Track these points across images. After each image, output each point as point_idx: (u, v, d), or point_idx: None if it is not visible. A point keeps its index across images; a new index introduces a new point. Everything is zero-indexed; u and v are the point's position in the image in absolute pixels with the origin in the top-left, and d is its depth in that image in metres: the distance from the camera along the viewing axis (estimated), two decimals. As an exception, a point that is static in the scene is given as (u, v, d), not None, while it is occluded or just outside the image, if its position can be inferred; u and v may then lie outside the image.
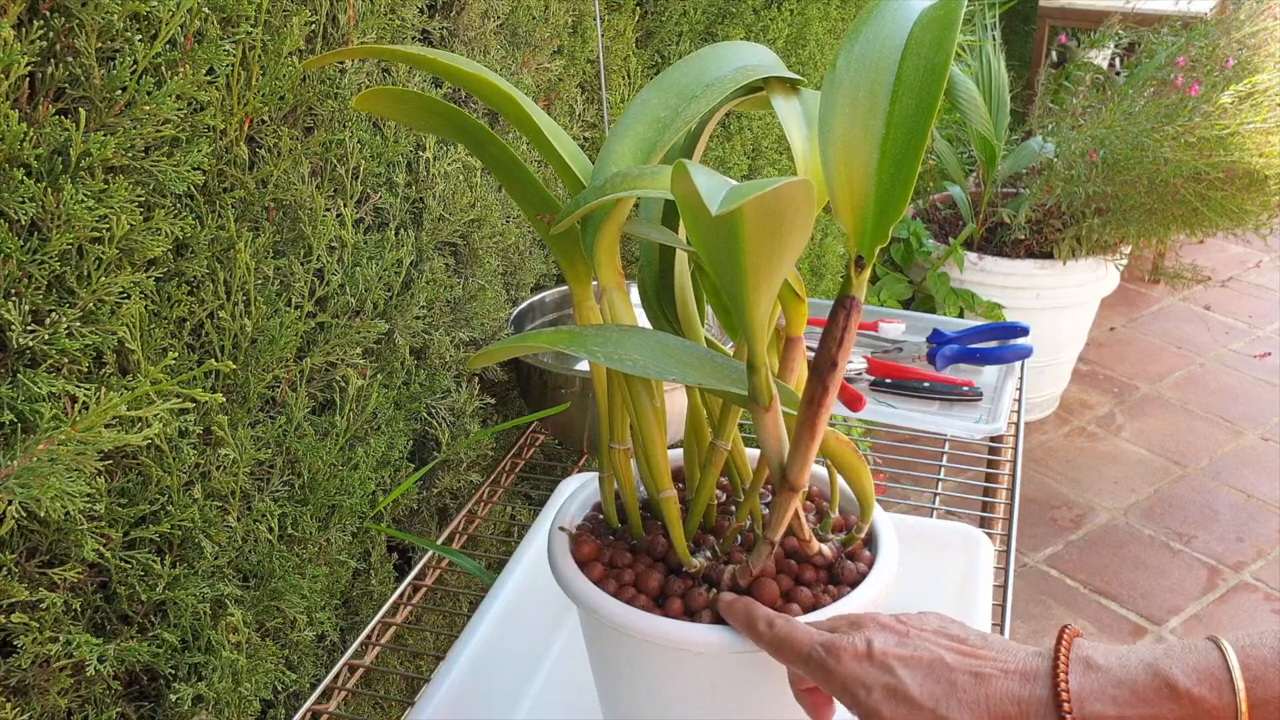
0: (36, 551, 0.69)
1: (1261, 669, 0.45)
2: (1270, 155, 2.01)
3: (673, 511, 0.63)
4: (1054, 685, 0.48)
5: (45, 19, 0.63)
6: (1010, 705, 0.49)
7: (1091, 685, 0.48)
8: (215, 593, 0.80)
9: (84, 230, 0.65)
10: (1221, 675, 0.46)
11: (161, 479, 0.75)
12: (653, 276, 0.66)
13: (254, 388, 0.83)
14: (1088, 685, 0.48)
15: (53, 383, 0.63)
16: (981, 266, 2.37)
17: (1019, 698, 0.49)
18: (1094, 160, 2.19)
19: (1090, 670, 0.48)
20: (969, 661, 0.51)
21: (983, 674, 0.50)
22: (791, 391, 0.60)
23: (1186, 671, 0.47)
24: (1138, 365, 2.80)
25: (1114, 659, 0.49)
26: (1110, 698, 0.47)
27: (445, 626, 1.04)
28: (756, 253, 0.47)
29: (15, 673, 0.67)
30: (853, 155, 0.48)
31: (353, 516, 0.96)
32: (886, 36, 0.50)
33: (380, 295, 0.96)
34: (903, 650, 0.52)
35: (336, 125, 0.89)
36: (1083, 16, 3.03)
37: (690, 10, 1.49)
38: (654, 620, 0.59)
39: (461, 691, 0.78)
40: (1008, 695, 0.49)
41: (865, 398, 1.15)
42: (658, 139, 0.60)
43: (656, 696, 0.62)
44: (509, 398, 1.26)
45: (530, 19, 1.13)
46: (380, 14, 0.90)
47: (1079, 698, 0.48)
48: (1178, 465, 2.39)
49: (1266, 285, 3.19)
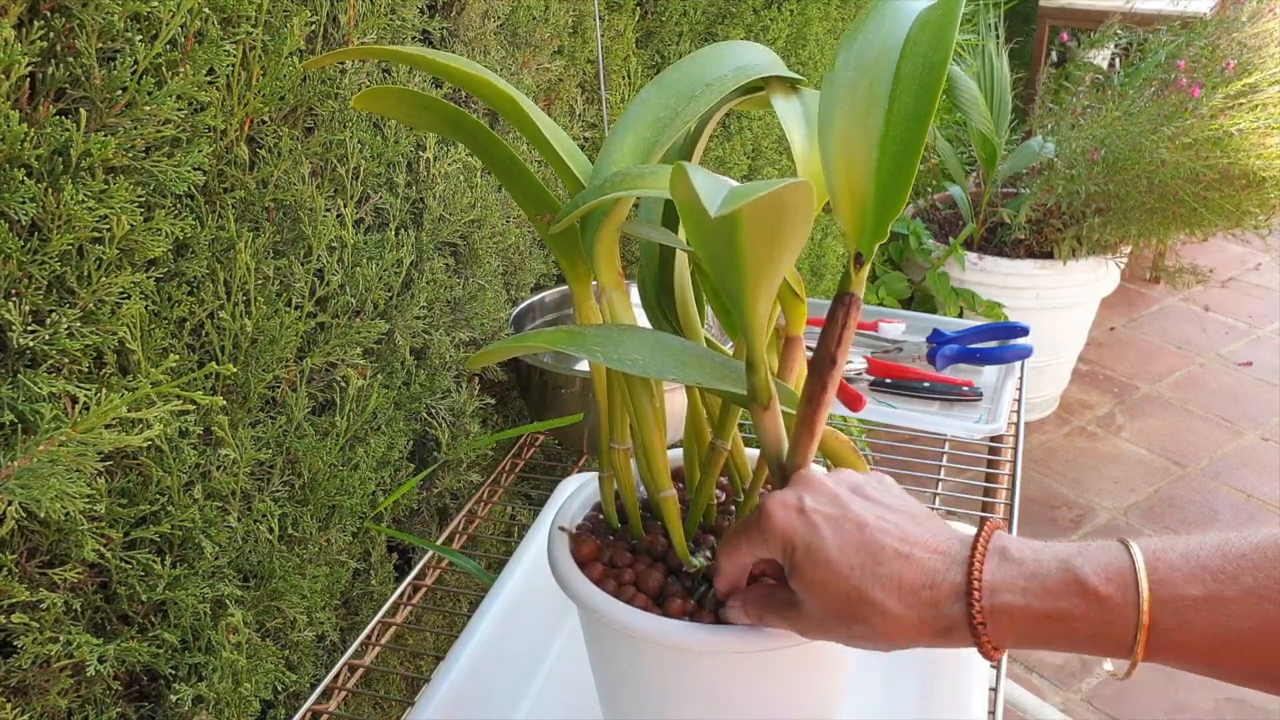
0: (37, 552, 0.69)
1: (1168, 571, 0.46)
2: (1268, 156, 2.01)
3: (673, 511, 0.63)
4: (968, 572, 0.49)
5: (46, 19, 0.63)
6: (925, 588, 0.49)
7: (1004, 575, 0.48)
8: (215, 593, 0.80)
9: (84, 230, 0.65)
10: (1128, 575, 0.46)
11: (162, 479, 0.75)
12: (653, 276, 0.66)
13: (254, 388, 0.83)
14: (1000, 575, 0.48)
15: (53, 383, 0.63)
16: (982, 266, 2.37)
17: (934, 581, 0.49)
18: (1094, 160, 2.19)
19: (1005, 561, 0.49)
20: (897, 534, 0.51)
21: (906, 552, 0.50)
22: (791, 391, 0.60)
23: (1096, 569, 0.47)
24: (1138, 365, 2.80)
25: (1029, 552, 0.49)
26: (1020, 589, 0.48)
27: (445, 626, 1.04)
28: (755, 254, 0.47)
29: (15, 673, 0.67)
30: (852, 153, 0.48)
31: (353, 517, 0.96)
32: (885, 36, 0.50)
33: (380, 295, 0.96)
34: (832, 510, 0.52)
35: (337, 125, 0.89)
36: (1083, 16, 3.04)
37: (690, 10, 1.49)
38: (654, 620, 0.59)
39: (461, 691, 0.78)
40: (925, 576, 0.49)
41: (865, 398, 1.15)
42: (658, 139, 0.60)
43: (656, 697, 0.62)
44: (509, 398, 1.26)
45: (530, 19, 1.13)
46: (380, 14, 0.90)
47: (990, 587, 0.48)
48: (1178, 465, 2.39)
49: (1266, 285, 3.19)
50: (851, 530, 0.51)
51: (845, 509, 0.52)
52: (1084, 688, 1.78)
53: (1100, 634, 0.47)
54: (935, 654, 0.79)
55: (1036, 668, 1.83)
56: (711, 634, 0.58)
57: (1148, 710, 1.72)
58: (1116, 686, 1.77)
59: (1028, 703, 1.76)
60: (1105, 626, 0.47)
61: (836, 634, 0.52)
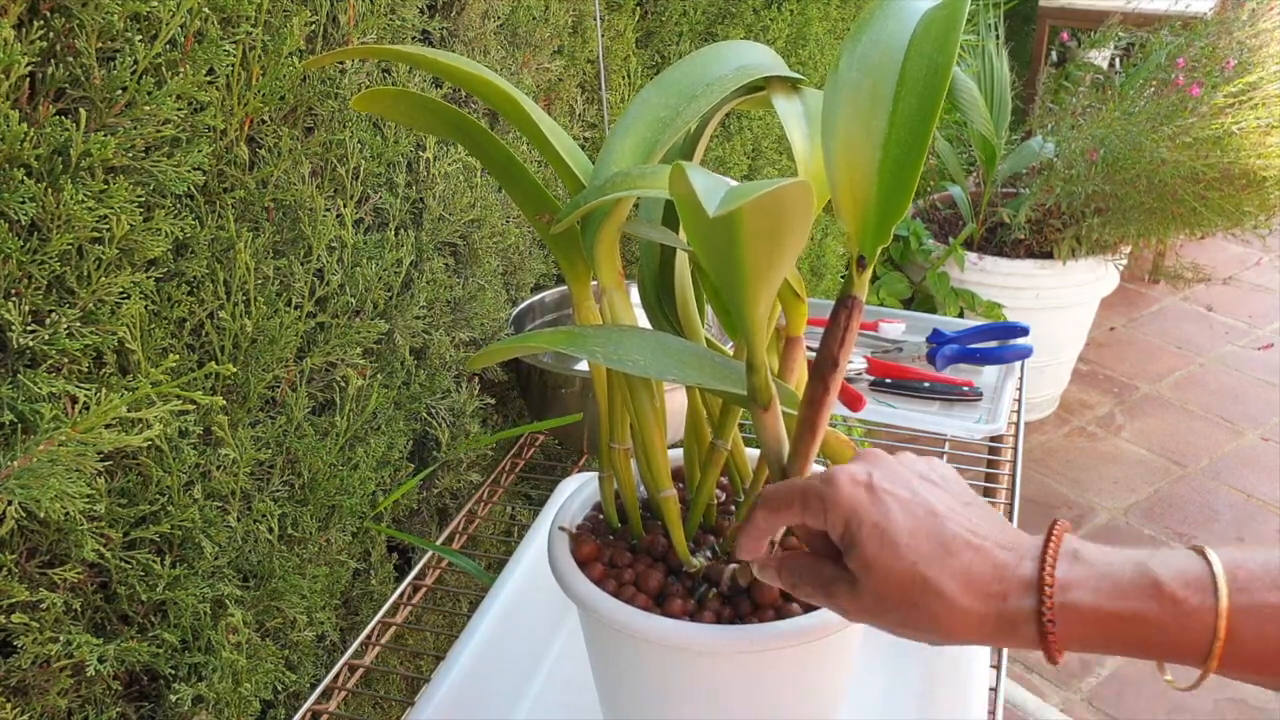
0: (37, 552, 0.69)
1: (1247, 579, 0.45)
2: (1268, 156, 2.01)
3: (673, 511, 0.63)
4: (1040, 568, 0.48)
5: (45, 19, 0.62)
6: (993, 581, 0.48)
7: (1077, 574, 0.47)
8: (215, 593, 0.80)
9: (84, 230, 0.65)
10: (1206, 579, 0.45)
11: (162, 479, 0.75)
12: (653, 276, 0.66)
13: (254, 388, 0.83)
14: (1073, 574, 0.47)
15: (53, 383, 0.63)
16: (981, 266, 2.37)
17: (1003, 575, 0.48)
18: (1094, 160, 2.19)
19: (1078, 561, 0.48)
20: (968, 525, 0.50)
21: (977, 544, 0.49)
22: (791, 391, 0.60)
23: (1173, 573, 0.46)
24: (1138, 365, 2.80)
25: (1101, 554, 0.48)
26: (1093, 588, 0.47)
27: (445, 626, 1.04)
28: (755, 254, 0.47)
29: (15, 673, 0.67)
30: (855, 155, 0.48)
31: (353, 516, 0.95)
32: (890, 36, 0.50)
33: (380, 295, 0.95)
34: (903, 492, 0.51)
35: (336, 125, 0.89)
36: (1083, 16, 3.04)
37: (690, 10, 1.49)
38: (654, 620, 0.58)
39: (461, 691, 0.78)
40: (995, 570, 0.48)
41: (865, 398, 1.15)
42: (658, 138, 0.60)
43: (656, 696, 0.62)
44: (509, 398, 1.25)
45: (530, 19, 1.13)
46: (380, 14, 0.89)
47: (1063, 584, 0.47)
48: (1178, 465, 2.39)
49: (1266, 285, 3.19)
50: (924, 516, 0.50)
51: (915, 493, 0.51)
52: (1084, 688, 1.78)
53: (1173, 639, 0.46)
54: (936, 653, 0.79)
55: (1036, 667, 1.83)
56: (711, 634, 0.58)
57: (1148, 710, 1.72)
58: (1116, 687, 1.77)
59: (1028, 703, 1.76)
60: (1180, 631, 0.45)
61: (890, 618, 0.50)
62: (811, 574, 0.53)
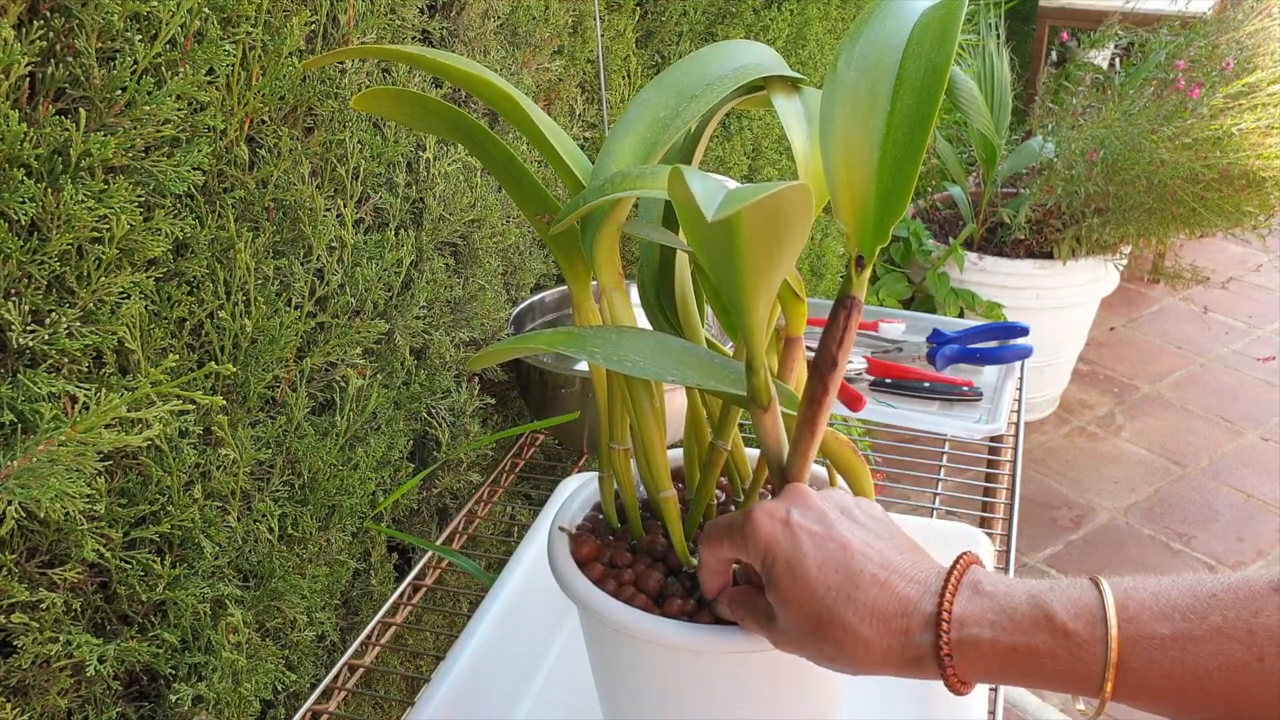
0: (36, 552, 0.69)
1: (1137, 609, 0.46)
2: (1267, 156, 2.01)
3: (672, 511, 0.63)
4: (939, 604, 0.49)
5: (45, 19, 0.63)
6: (898, 616, 0.49)
7: (975, 609, 0.48)
8: (215, 593, 0.80)
9: (84, 230, 0.65)
10: (1097, 611, 0.46)
11: (161, 479, 0.75)
12: (653, 276, 0.66)
13: (254, 388, 0.83)
14: (971, 609, 0.48)
15: (53, 383, 0.63)
16: (981, 266, 2.37)
17: (906, 610, 0.49)
18: (1093, 160, 2.19)
19: (977, 595, 0.49)
20: (878, 560, 0.51)
21: (884, 579, 0.50)
22: (791, 392, 0.60)
23: (1065, 605, 0.47)
24: (1138, 365, 2.80)
25: (1002, 586, 0.49)
26: (990, 622, 0.48)
27: (445, 626, 1.04)
28: (754, 256, 0.47)
29: (15, 673, 0.67)
30: (853, 155, 0.48)
31: (353, 517, 0.95)
32: (888, 36, 0.50)
33: (380, 295, 0.95)
34: (817, 527, 0.52)
35: (336, 125, 0.89)
36: (1083, 16, 3.04)
37: (690, 10, 1.49)
38: (654, 620, 0.58)
39: (461, 691, 0.78)
40: (899, 605, 0.49)
41: (865, 398, 1.15)
42: (658, 139, 0.60)
43: (656, 696, 0.62)
44: (509, 398, 1.26)
45: (530, 19, 1.13)
46: (380, 14, 0.89)
47: (960, 619, 0.48)
48: (1178, 465, 2.39)
49: (1266, 285, 3.19)
50: (834, 550, 0.51)
51: (830, 528, 0.52)
52: (1083, 688, 1.78)
53: (1068, 670, 0.46)
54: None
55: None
56: (711, 634, 0.58)
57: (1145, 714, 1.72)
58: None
59: (1028, 703, 1.76)
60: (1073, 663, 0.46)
61: (807, 651, 0.52)
62: (748, 606, 0.55)
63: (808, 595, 0.50)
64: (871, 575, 0.50)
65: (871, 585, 0.50)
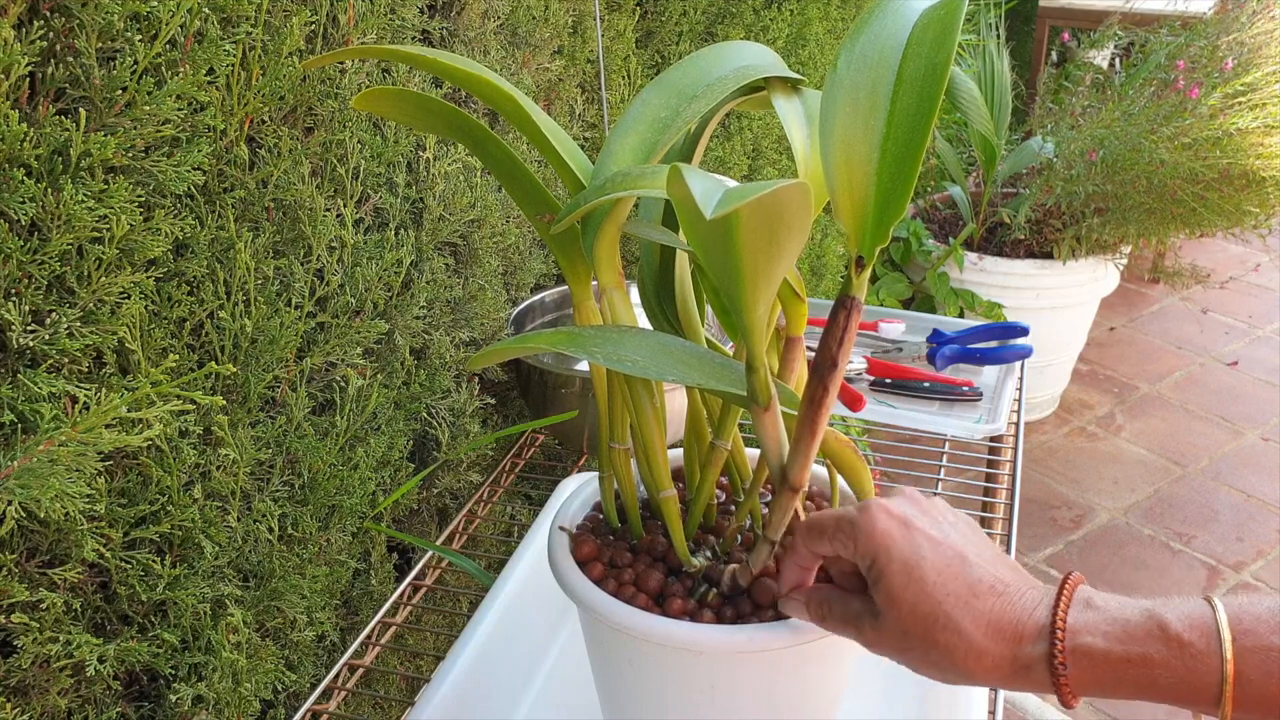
0: (36, 552, 0.69)
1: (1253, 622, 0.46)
2: (1267, 156, 2.01)
3: (673, 511, 0.63)
4: (1054, 614, 0.49)
5: (45, 19, 0.63)
6: (1010, 625, 0.50)
7: (1088, 619, 0.49)
8: (215, 593, 0.80)
9: (84, 230, 0.65)
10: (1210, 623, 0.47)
11: (162, 479, 0.75)
12: (653, 276, 0.66)
13: (254, 388, 0.83)
14: (1084, 619, 0.49)
15: (53, 383, 0.63)
16: (981, 266, 2.37)
17: (1020, 620, 0.50)
18: (1093, 160, 2.19)
19: (1089, 608, 0.50)
20: (993, 572, 0.51)
21: (1001, 590, 0.51)
22: (791, 391, 0.60)
23: (1179, 616, 0.48)
24: (1138, 365, 2.80)
25: (1113, 601, 0.50)
26: (1103, 632, 0.48)
27: (445, 626, 1.04)
28: (754, 255, 0.47)
29: (15, 673, 0.67)
30: (853, 155, 0.48)
31: (353, 517, 0.95)
32: (888, 36, 0.50)
33: (380, 295, 0.95)
34: (934, 532, 0.52)
35: (336, 125, 0.89)
36: (1083, 16, 3.04)
37: (690, 10, 1.49)
38: (654, 620, 0.59)
39: (461, 691, 0.78)
40: (1012, 615, 0.50)
41: (865, 398, 1.15)
42: (658, 139, 0.60)
43: (656, 696, 0.62)
44: (509, 398, 1.26)
45: (530, 19, 1.13)
46: (380, 14, 0.90)
47: (1074, 629, 0.49)
48: (1178, 465, 2.39)
49: (1266, 285, 3.19)
50: (952, 557, 0.51)
51: (947, 535, 0.53)
52: (1084, 688, 1.78)
53: (1182, 682, 0.47)
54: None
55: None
56: (711, 634, 0.58)
57: (1149, 711, 1.72)
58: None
59: (1028, 703, 1.76)
60: (1187, 675, 0.46)
61: (911, 654, 0.52)
62: (836, 607, 0.55)
63: (922, 598, 0.51)
64: (989, 586, 0.51)
65: (989, 595, 0.51)
